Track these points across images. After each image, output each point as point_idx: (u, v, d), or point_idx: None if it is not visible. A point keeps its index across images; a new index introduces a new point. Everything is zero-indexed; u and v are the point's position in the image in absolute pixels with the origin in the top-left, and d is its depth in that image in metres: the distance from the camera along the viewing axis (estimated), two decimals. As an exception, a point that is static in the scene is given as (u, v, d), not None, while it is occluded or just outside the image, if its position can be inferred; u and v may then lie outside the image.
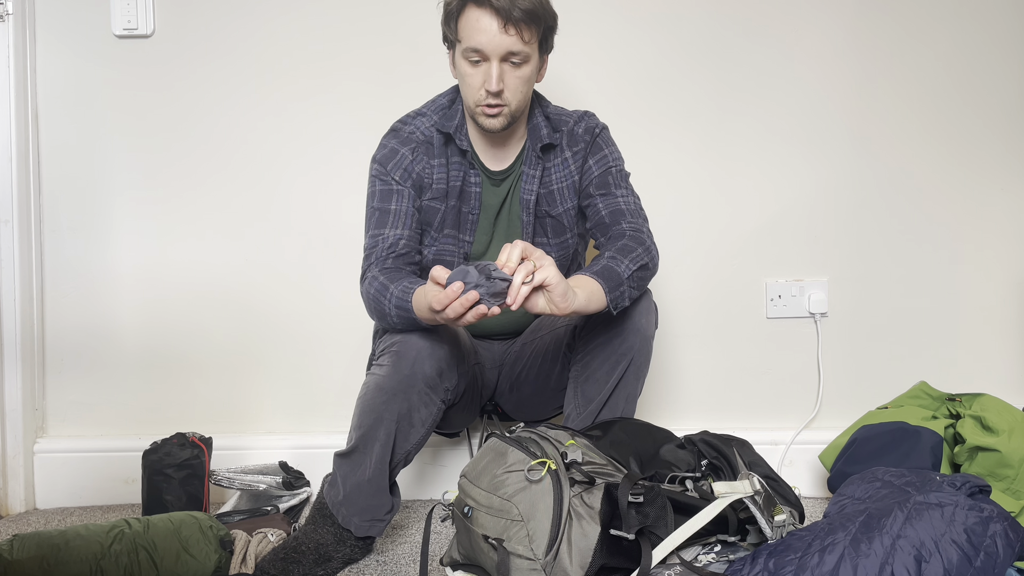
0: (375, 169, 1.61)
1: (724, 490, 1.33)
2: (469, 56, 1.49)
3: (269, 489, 1.82)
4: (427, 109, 1.65)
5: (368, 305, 1.52)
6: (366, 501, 1.51)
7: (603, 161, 1.63)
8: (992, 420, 1.66)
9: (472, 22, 1.46)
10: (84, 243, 2.06)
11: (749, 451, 1.51)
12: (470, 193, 1.62)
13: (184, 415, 2.06)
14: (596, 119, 1.68)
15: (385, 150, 1.61)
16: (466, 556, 1.35)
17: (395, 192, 1.58)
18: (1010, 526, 1.20)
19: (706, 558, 1.34)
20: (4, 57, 1.98)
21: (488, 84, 1.48)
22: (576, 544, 1.21)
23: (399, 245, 1.55)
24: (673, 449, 1.47)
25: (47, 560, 1.33)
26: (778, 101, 2.07)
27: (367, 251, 1.57)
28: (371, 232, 1.58)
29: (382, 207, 1.58)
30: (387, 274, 1.50)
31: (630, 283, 1.44)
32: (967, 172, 2.08)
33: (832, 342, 2.09)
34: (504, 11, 1.44)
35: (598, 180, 1.62)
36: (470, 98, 1.53)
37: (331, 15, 2.05)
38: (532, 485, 1.25)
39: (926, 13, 2.06)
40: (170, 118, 2.06)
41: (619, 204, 1.59)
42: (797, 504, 1.46)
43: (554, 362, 1.63)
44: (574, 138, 1.64)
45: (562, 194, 1.63)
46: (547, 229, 1.64)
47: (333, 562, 1.50)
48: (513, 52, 1.47)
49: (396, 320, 1.46)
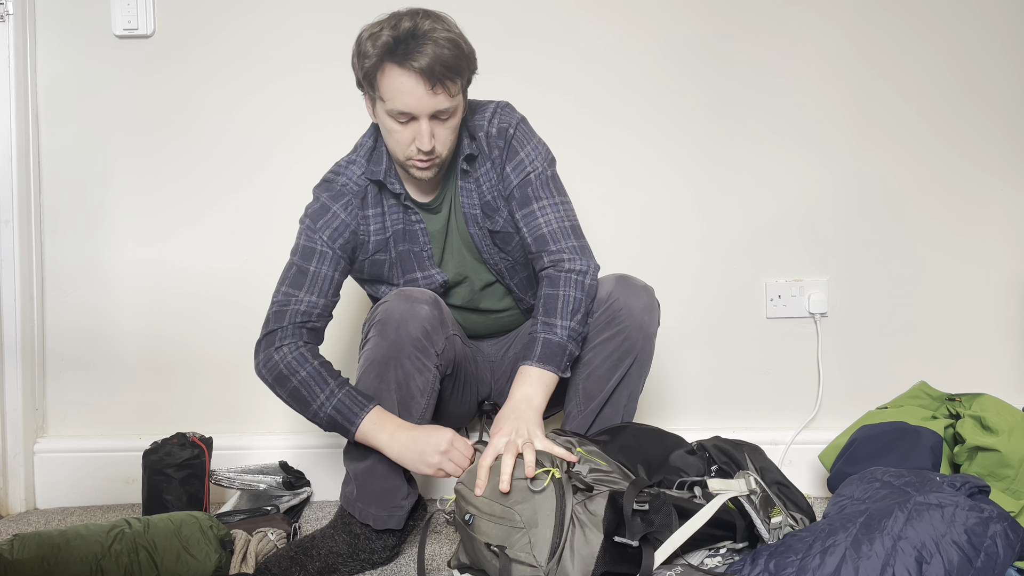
0: (304, 223, 1.56)
1: (719, 487, 1.32)
2: (395, 116, 1.43)
3: (269, 489, 1.82)
4: (356, 155, 1.59)
5: (276, 373, 1.48)
6: (380, 484, 1.49)
7: (519, 168, 1.55)
8: (992, 420, 1.66)
9: (396, 84, 1.39)
10: (84, 243, 2.06)
11: (761, 456, 1.50)
12: (415, 232, 1.58)
13: (184, 415, 2.06)
14: (509, 113, 1.57)
15: (316, 205, 1.55)
16: (471, 561, 1.35)
17: (318, 253, 1.53)
18: (1010, 526, 1.20)
19: (712, 562, 1.34)
20: (4, 57, 1.98)
21: (421, 143, 1.43)
22: (579, 551, 1.21)
23: (312, 315, 1.51)
24: (683, 455, 1.46)
25: (47, 560, 1.33)
26: (778, 101, 2.07)
27: (276, 307, 1.52)
28: (284, 289, 1.53)
29: (301, 265, 1.53)
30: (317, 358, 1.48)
31: (573, 339, 1.45)
32: (967, 172, 2.08)
33: (832, 342, 2.09)
34: (428, 72, 1.37)
35: (518, 194, 1.55)
36: (399, 152, 1.48)
37: (331, 15, 2.05)
38: (534, 494, 1.24)
39: (925, 13, 2.06)
40: (170, 118, 2.06)
41: (540, 227, 1.53)
42: (809, 511, 1.45)
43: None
44: (490, 142, 1.56)
45: (495, 205, 1.58)
46: (496, 241, 1.61)
47: (338, 574, 1.48)
48: (442, 110, 1.42)
49: (324, 419, 1.45)
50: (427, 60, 1.36)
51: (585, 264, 1.50)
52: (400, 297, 1.47)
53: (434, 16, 1.42)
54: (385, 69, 1.40)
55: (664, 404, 2.10)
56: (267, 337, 1.51)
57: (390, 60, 1.38)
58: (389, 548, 1.54)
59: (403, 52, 1.37)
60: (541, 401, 1.42)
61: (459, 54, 1.41)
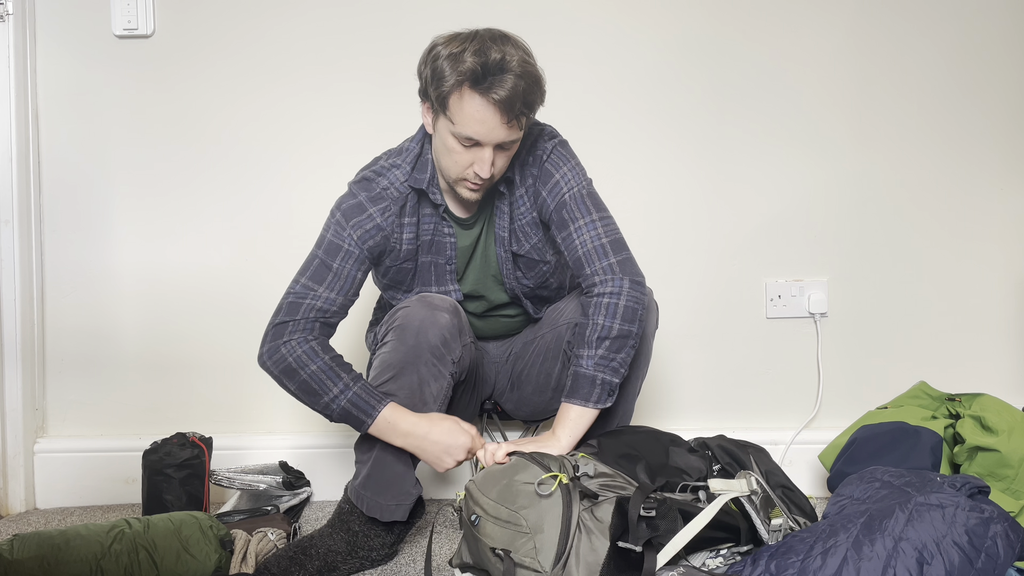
0: (336, 217, 1.52)
1: (720, 487, 1.32)
2: (460, 139, 1.41)
3: (269, 489, 1.82)
4: (401, 160, 1.55)
5: (283, 365, 1.46)
6: (390, 471, 1.49)
7: (555, 191, 1.52)
8: (992, 420, 1.66)
9: (471, 110, 1.37)
10: (84, 243, 2.06)
11: (766, 459, 1.49)
12: (444, 244, 1.57)
13: (184, 415, 2.06)
14: (544, 139, 1.55)
15: (352, 201, 1.52)
16: (474, 561, 1.35)
17: (344, 251, 1.50)
18: (1010, 527, 1.20)
19: (713, 562, 1.34)
20: (4, 57, 1.98)
21: (481, 170, 1.42)
22: (584, 558, 1.20)
23: (328, 312, 1.49)
24: (684, 454, 1.45)
25: (47, 560, 1.33)
26: (778, 101, 2.07)
27: (292, 298, 1.49)
28: (303, 280, 1.50)
29: (325, 259, 1.51)
30: (328, 352, 1.47)
31: (603, 367, 1.43)
32: (967, 171, 2.08)
33: (832, 342, 2.09)
34: (508, 105, 1.35)
35: (555, 218, 1.52)
36: (453, 171, 1.46)
37: (331, 15, 2.05)
38: (541, 499, 1.24)
39: (925, 13, 2.06)
40: (170, 118, 2.06)
41: (576, 249, 1.49)
42: (812, 515, 1.45)
43: (555, 360, 1.63)
44: (524, 171, 1.55)
45: (524, 231, 1.57)
46: (519, 264, 1.60)
47: (337, 572, 1.49)
48: (509, 141, 1.42)
49: (337, 411, 1.45)
50: (507, 93, 1.34)
51: (617, 284, 1.45)
52: (422, 303, 1.47)
53: (513, 42, 1.40)
54: (464, 94, 1.37)
55: (664, 404, 2.10)
56: (276, 328, 1.48)
57: (471, 87, 1.36)
58: (387, 546, 1.55)
59: (488, 84, 1.35)
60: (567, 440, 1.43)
61: (536, 88, 1.40)
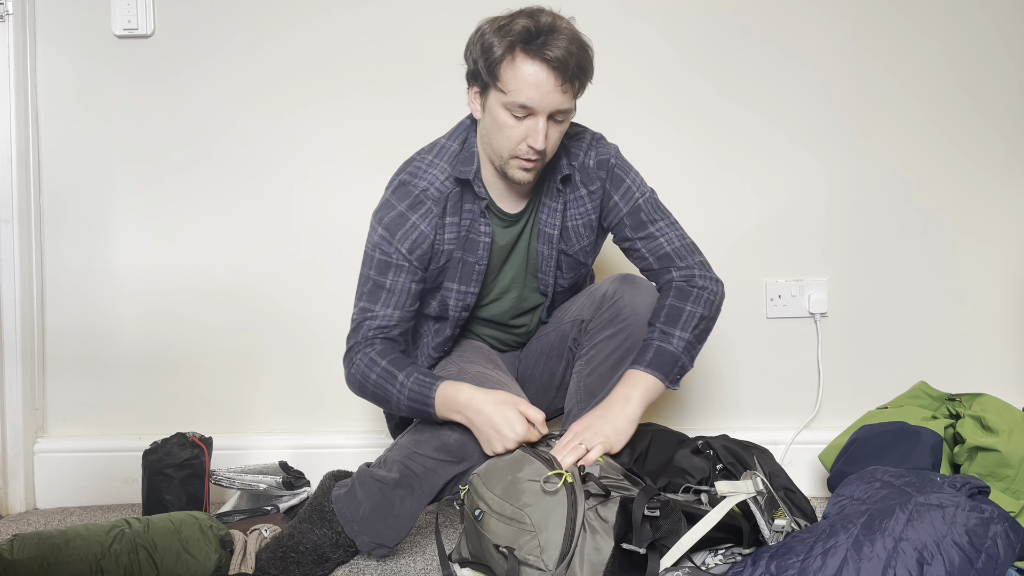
0: (378, 234, 1.49)
1: (727, 489, 1.31)
2: (513, 109, 1.38)
3: (269, 489, 1.82)
4: (438, 158, 1.52)
5: (356, 382, 1.50)
6: (387, 531, 1.50)
7: (628, 196, 1.55)
8: (992, 420, 1.66)
9: (524, 75, 1.35)
10: (84, 243, 2.06)
11: (770, 460, 1.49)
12: (477, 243, 1.54)
13: (184, 415, 2.06)
14: (605, 145, 1.57)
15: (392, 213, 1.49)
16: (475, 556, 1.35)
17: (394, 266, 1.49)
18: (1011, 527, 1.20)
19: (712, 560, 1.34)
20: (4, 57, 1.98)
21: (534, 141, 1.39)
22: (588, 558, 1.19)
23: (388, 327, 1.50)
24: (688, 455, 1.45)
25: (47, 560, 1.33)
26: (778, 100, 2.07)
27: (355, 324, 1.52)
28: (361, 304, 1.52)
29: (377, 280, 1.50)
30: (386, 357, 1.46)
31: (688, 352, 1.45)
32: (967, 171, 2.08)
33: (832, 342, 2.09)
34: (562, 65, 1.34)
35: (630, 220, 1.55)
36: (505, 149, 1.43)
37: (331, 15, 2.05)
38: (547, 496, 1.24)
39: (926, 12, 2.06)
40: (170, 118, 2.06)
41: (662, 246, 1.54)
42: (812, 518, 1.45)
43: (559, 359, 1.62)
44: (587, 173, 1.55)
45: (578, 232, 1.57)
46: (562, 265, 1.60)
47: (330, 563, 1.51)
48: (561, 110, 1.40)
49: (405, 410, 1.46)
50: (561, 52, 1.34)
51: (716, 285, 1.51)
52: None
53: (560, 16, 1.40)
54: (516, 58, 1.36)
55: (664, 403, 2.10)
56: (348, 352, 1.52)
57: (523, 49, 1.35)
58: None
59: (540, 43, 1.34)
60: (637, 405, 1.40)
61: (587, 56, 1.40)
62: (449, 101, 1.99)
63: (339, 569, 1.53)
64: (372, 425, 2.05)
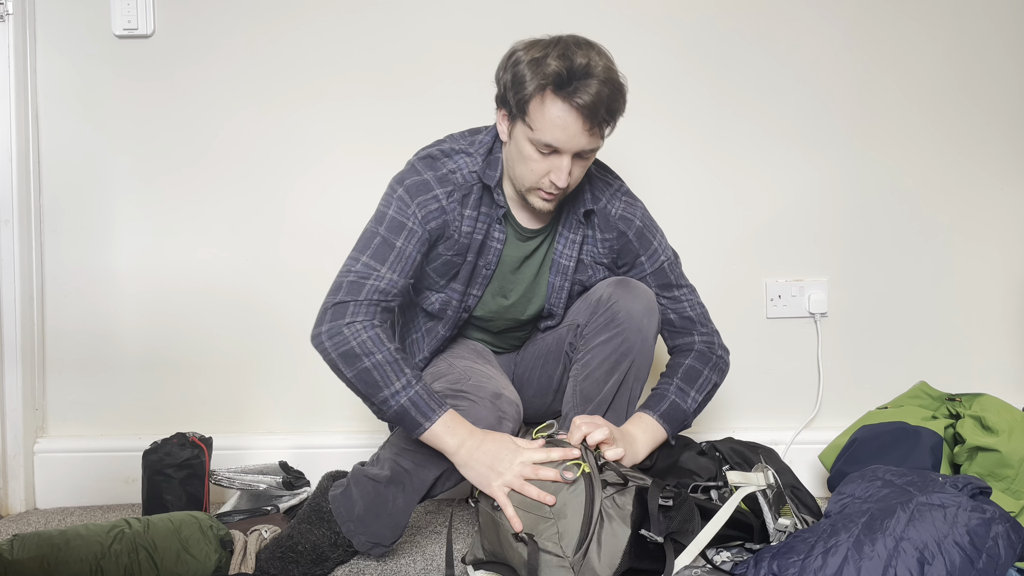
0: (398, 193, 1.45)
1: (738, 480, 1.33)
2: (539, 146, 1.37)
3: (269, 489, 1.82)
4: (471, 147, 1.49)
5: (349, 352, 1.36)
6: (382, 529, 1.49)
7: (654, 258, 1.57)
8: (992, 420, 1.66)
9: (552, 116, 1.33)
10: (84, 243, 2.06)
11: (776, 459, 1.50)
12: (490, 248, 1.52)
13: (184, 415, 2.06)
14: (633, 203, 1.57)
15: (417, 178, 1.46)
16: (491, 553, 1.35)
17: (408, 229, 1.44)
18: (1011, 527, 1.20)
19: (719, 558, 1.34)
20: (4, 57, 1.97)
21: (557, 179, 1.38)
22: (606, 545, 1.21)
23: (390, 294, 1.42)
24: (694, 456, 1.47)
25: (47, 560, 1.33)
26: (778, 101, 2.07)
27: (354, 277, 1.41)
28: (364, 259, 1.43)
29: (387, 237, 1.44)
30: (393, 343, 1.38)
31: (695, 413, 1.52)
32: (967, 171, 2.08)
33: (832, 342, 2.09)
34: (591, 111, 1.32)
35: (654, 279, 1.57)
36: (527, 180, 1.42)
37: (332, 17, 2.05)
38: (565, 484, 1.26)
39: (926, 13, 2.06)
40: (170, 118, 2.06)
41: (685, 309, 1.58)
42: (818, 514, 1.45)
43: (556, 363, 1.62)
44: (607, 221, 1.54)
45: (594, 267, 1.59)
46: (573, 292, 1.60)
47: (329, 562, 1.50)
48: (588, 150, 1.38)
49: (392, 410, 1.36)
50: (591, 99, 1.31)
51: (728, 356, 1.59)
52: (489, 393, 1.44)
53: (597, 49, 1.36)
54: (545, 99, 1.33)
55: (664, 404, 2.10)
56: (336, 307, 1.39)
57: (554, 91, 1.32)
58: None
59: (572, 88, 1.31)
60: (643, 447, 1.46)
61: (620, 97, 1.36)
62: (449, 102, 1.99)
63: (339, 569, 1.53)
64: (372, 425, 2.05)
